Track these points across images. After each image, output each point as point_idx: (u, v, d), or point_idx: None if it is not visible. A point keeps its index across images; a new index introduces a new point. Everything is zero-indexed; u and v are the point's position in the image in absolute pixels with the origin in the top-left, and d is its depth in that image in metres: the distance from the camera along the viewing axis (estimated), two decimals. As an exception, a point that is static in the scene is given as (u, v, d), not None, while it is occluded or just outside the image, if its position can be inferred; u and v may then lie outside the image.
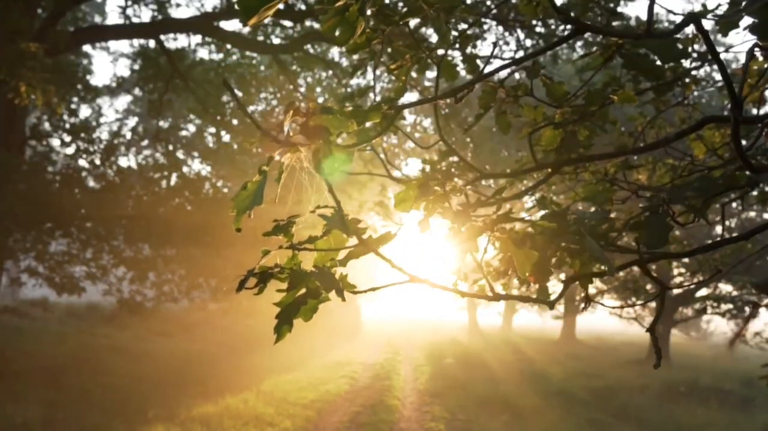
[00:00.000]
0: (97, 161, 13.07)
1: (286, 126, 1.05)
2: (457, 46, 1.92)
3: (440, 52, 1.85)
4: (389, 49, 1.92)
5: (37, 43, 5.10)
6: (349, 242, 1.26)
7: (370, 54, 1.81)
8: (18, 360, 10.62)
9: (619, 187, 1.73)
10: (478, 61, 2.06)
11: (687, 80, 2.87)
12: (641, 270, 1.19)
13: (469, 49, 1.97)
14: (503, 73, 2.04)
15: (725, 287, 21.69)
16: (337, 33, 1.38)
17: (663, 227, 1.07)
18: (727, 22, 1.49)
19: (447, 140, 1.74)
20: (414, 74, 1.77)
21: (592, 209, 1.66)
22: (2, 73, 4.97)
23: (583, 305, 1.27)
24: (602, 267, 1.36)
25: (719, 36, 1.81)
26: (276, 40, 15.21)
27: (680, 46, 1.28)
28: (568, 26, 1.40)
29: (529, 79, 1.57)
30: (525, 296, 1.24)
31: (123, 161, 20.06)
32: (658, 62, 1.32)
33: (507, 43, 13.20)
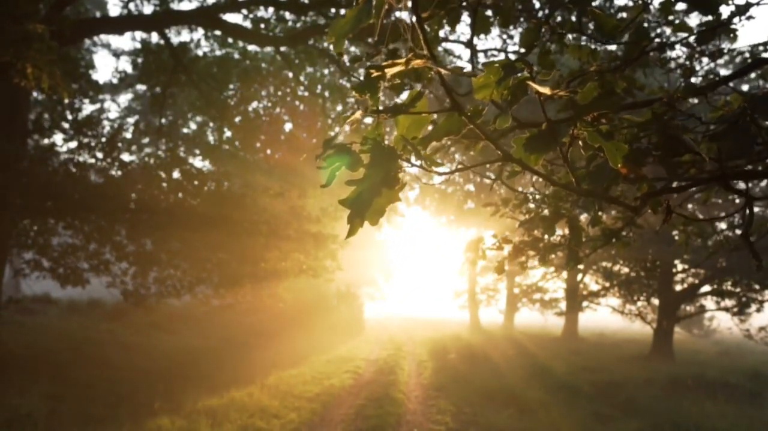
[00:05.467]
0: (100, 155, 13.00)
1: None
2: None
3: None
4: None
5: (43, 25, 5.05)
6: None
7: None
8: (22, 354, 10.57)
9: (682, 114, 1.63)
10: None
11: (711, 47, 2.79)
12: (722, 185, 1.13)
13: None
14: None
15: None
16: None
17: (747, 135, 1.00)
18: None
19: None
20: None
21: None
22: (8, 55, 4.92)
23: (664, 219, 1.20)
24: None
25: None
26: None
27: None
28: None
29: (577, 10, 1.48)
30: (611, 197, 1.18)
31: (125, 158, 19.97)
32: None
33: (511, 37, 13.13)
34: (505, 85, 1.03)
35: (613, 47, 2.16)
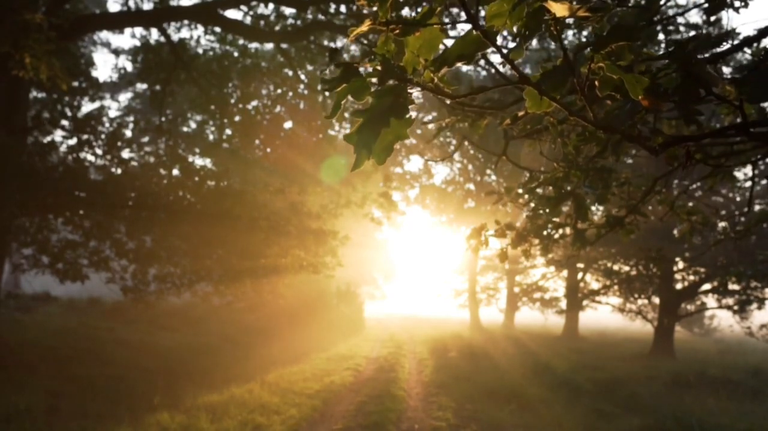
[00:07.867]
0: (100, 153, 12.95)
1: None
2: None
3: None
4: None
5: (42, 16, 5.00)
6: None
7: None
8: (21, 351, 10.52)
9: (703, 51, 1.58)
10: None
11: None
12: (744, 134, 1.08)
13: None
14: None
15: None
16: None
17: (771, 80, 0.96)
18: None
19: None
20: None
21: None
22: (7, 45, 4.88)
23: (683, 164, 1.16)
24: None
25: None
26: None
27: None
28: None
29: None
30: (631, 135, 1.14)
31: (125, 155, 19.95)
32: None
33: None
34: (519, 12, 0.98)
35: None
